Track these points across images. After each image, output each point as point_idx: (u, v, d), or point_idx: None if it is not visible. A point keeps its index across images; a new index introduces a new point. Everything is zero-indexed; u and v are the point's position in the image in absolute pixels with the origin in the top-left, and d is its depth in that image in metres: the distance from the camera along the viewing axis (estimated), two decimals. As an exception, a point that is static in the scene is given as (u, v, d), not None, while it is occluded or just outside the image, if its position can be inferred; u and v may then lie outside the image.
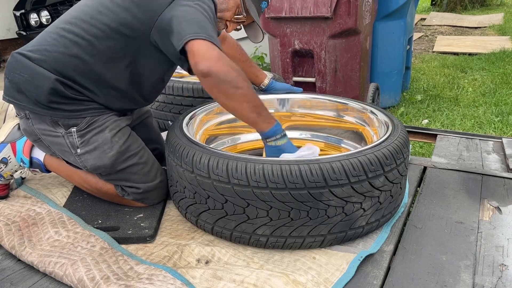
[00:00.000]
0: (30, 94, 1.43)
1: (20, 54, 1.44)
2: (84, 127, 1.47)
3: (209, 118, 1.90)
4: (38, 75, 1.41)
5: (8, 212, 1.56)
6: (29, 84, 1.42)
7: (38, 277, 1.30)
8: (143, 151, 1.58)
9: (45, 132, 1.49)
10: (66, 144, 1.48)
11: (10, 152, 1.62)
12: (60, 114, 1.44)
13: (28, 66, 1.42)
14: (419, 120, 3.53)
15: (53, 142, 1.50)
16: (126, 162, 1.52)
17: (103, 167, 1.50)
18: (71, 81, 1.43)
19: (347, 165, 1.25)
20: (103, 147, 1.48)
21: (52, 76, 1.40)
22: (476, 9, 9.82)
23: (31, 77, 1.41)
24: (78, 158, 1.50)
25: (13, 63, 1.45)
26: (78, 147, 1.48)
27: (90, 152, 1.48)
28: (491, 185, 1.73)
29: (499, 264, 1.27)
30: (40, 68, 1.41)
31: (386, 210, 1.40)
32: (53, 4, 5.33)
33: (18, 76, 1.43)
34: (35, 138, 1.54)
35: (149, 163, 1.58)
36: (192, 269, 1.26)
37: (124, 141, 1.51)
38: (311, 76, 3.11)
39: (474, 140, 2.24)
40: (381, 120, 1.67)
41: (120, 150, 1.50)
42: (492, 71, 4.80)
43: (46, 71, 1.41)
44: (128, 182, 1.55)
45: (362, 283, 1.21)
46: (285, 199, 1.24)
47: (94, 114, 1.48)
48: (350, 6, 2.81)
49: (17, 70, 1.43)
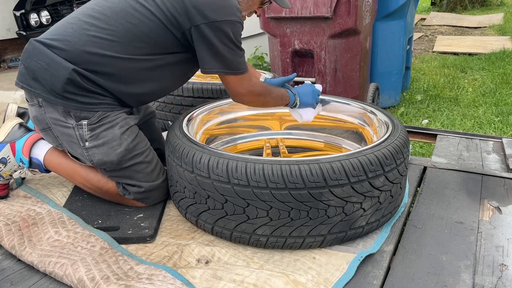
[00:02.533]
0: (45, 82, 1.43)
1: (39, 41, 1.45)
2: (96, 121, 1.47)
3: (209, 118, 1.90)
4: (55, 64, 1.41)
5: (8, 212, 1.56)
6: (45, 72, 1.42)
7: (38, 277, 1.30)
8: (149, 150, 1.59)
9: (56, 122, 1.49)
10: (76, 136, 1.48)
11: (9, 152, 1.61)
12: (74, 105, 1.45)
13: (46, 54, 1.42)
14: (419, 120, 3.53)
15: (63, 133, 1.50)
16: (132, 160, 1.53)
17: (110, 163, 1.50)
18: (91, 72, 1.44)
19: (347, 165, 1.25)
20: (112, 143, 1.49)
21: (70, 66, 1.41)
22: (476, 9, 9.82)
23: (48, 65, 1.42)
24: (86, 151, 1.50)
25: (30, 50, 1.45)
26: (87, 140, 1.48)
27: (98, 147, 1.49)
28: (491, 185, 1.73)
29: (499, 264, 1.27)
30: (59, 58, 1.42)
31: (386, 210, 1.40)
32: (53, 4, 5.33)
33: (34, 63, 1.43)
34: (44, 127, 1.54)
35: (154, 162, 1.59)
36: (192, 269, 1.26)
37: (132, 139, 1.52)
38: (311, 76, 3.11)
39: (474, 140, 2.24)
40: (381, 120, 1.67)
41: (128, 147, 1.50)
42: (492, 71, 4.80)
43: (65, 61, 1.41)
44: (131, 180, 1.55)
45: (362, 283, 1.21)
46: (285, 199, 1.24)
47: (107, 109, 1.49)
48: (350, 6, 2.81)
49: (35, 57, 1.43)
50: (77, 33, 1.44)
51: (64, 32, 1.45)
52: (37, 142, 1.64)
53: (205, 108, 1.85)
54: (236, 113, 1.98)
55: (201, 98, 2.22)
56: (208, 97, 2.21)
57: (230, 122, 1.98)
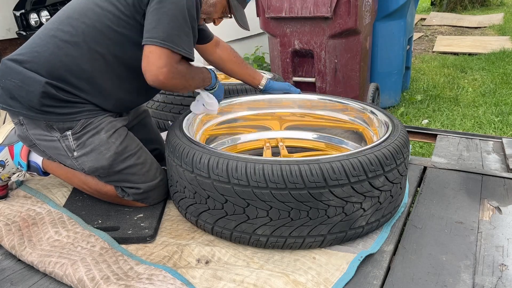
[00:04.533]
0: (22, 99, 1.42)
1: (10, 60, 1.44)
2: (79, 129, 1.46)
3: (209, 118, 1.90)
4: (28, 80, 1.40)
5: (8, 212, 1.56)
6: (20, 89, 1.41)
7: (38, 277, 1.30)
8: (141, 151, 1.57)
9: (40, 137, 1.48)
10: (62, 147, 1.47)
11: (8, 155, 1.61)
12: (55, 118, 1.44)
13: (19, 71, 1.41)
14: (419, 120, 3.53)
15: (49, 147, 1.49)
16: (124, 162, 1.51)
17: (101, 169, 1.49)
18: (63, 82, 1.42)
19: (347, 165, 1.25)
20: (100, 148, 1.47)
21: (42, 80, 1.40)
22: (476, 9, 9.82)
23: (22, 82, 1.41)
24: (75, 161, 1.49)
25: (3, 69, 1.44)
26: (74, 150, 1.47)
27: (87, 155, 1.48)
28: (491, 185, 1.73)
29: (499, 264, 1.27)
30: (30, 72, 1.40)
31: (386, 210, 1.40)
32: (53, 4, 5.33)
33: (9, 82, 1.42)
34: (30, 144, 1.53)
35: (148, 162, 1.58)
36: (192, 269, 1.26)
37: (120, 142, 1.50)
38: (311, 76, 3.12)
39: (474, 140, 2.24)
40: (381, 120, 1.67)
41: (117, 151, 1.49)
42: (492, 71, 4.80)
43: (37, 75, 1.40)
44: (128, 183, 1.54)
45: (362, 283, 1.21)
46: (285, 199, 1.24)
47: (89, 116, 1.47)
48: (350, 6, 2.81)
49: (8, 76, 1.42)
50: (44, 42, 1.43)
51: (33, 44, 1.45)
52: None
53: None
54: (236, 113, 1.98)
55: (201, 98, 2.22)
56: (208, 97, 2.21)
57: (230, 122, 1.98)
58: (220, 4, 1.58)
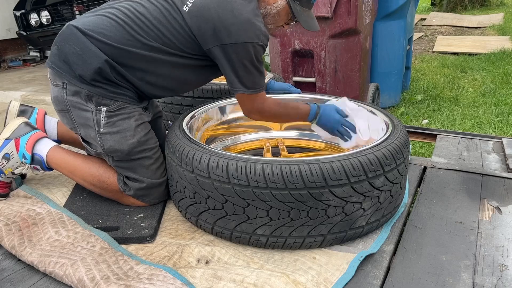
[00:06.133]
0: (76, 67, 1.48)
1: (76, 27, 1.49)
2: (114, 110, 1.53)
3: (209, 118, 1.90)
4: (90, 52, 1.47)
5: (8, 212, 1.56)
6: (78, 57, 1.48)
7: (38, 277, 1.30)
8: (158, 148, 1.64)
9: (76, 105, 1.53)
10: (93, 119, 1.53)
11: (13, 147, 1.63)
12: (98, 91, 1.50)
13: (82, 41, 1.47)
14: (419, 120, 3.53)
15: (80, 116, 1.54)
16: (141, 153, 1.57)
17: (120, 152, 1.54)
18: (121, 65, 1.50)
19: (347, 165, 1.25)
20: (126, 133, 1.54)
21: (103, 57, 1.47)
22: (476, 9, 9.81)
23: (82, 51, 1.47)
24: (99, 136, 1.54)
25: (67, 33, 1.50)
26: (102, 126, 1.53)
27: (112, 134, 1.53)
28: (491, 185, 1.73)
29: (499, 264, 1.27)
30: (94, 47, 1.47)
31: (386, 210, 1.40)
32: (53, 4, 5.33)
33: (69, 46, 1.49)
34: (63, 108, 1.57)
35: (160, 161, 1.63)
36: (192, 269, 1.26)
37: (145, 134, 1.58)
38: (311, 76, 3.11)
39: (474, 140, 2.24)
40: (381, 120, 1.67)
41: (140, 140, 1.55)
42: (492, 71, 4.80)
43: (99, 51, 1.47)
44: (134, 174, 1.58)
45: (362, 283, 1.21)
46: (285, 199, 1.24)
47: (126, 101, 1.55)
48: (350, 6, 2.81)
49: (70, 41, 1.49)
50: (114, 28, 1.49)
51: (101, 25, 1.50)
52: (41, 139, 1.66)
53: (205, 108, 1.85)
54: (236, 113, 1.98)
55: (201, 98, 2.22)
56: (208, 97, 2.21)
57: (230, 122, 1.98)
58: (284, 11, 1.65)
